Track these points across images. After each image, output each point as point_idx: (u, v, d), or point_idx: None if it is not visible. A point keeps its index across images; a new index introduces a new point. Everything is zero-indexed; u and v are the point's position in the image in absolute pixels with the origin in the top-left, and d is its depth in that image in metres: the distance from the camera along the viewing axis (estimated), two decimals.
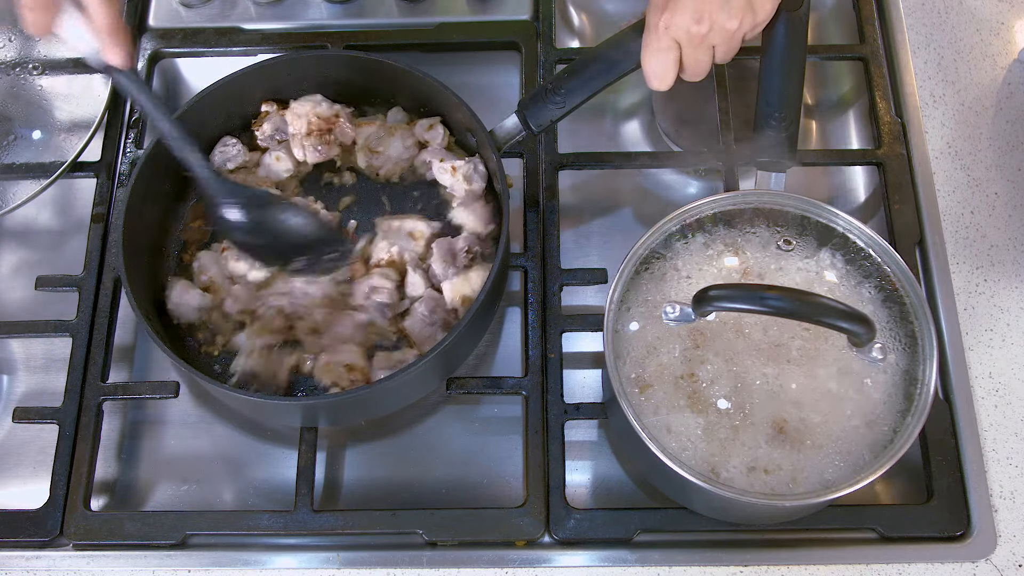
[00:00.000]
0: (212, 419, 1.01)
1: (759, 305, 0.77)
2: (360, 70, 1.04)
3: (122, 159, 1.10)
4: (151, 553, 0.92)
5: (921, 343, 0.83)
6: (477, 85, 1.11)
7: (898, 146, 1.07)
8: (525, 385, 0.95)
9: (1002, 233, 1.05)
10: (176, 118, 0.96)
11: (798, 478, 0.81)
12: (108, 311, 1.01)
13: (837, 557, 0.90)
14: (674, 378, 0.84)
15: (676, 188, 1.11)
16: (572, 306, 1.02)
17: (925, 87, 1.13)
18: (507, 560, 0.90)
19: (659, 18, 0.83)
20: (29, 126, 1.12)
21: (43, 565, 0.92)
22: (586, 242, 1.08)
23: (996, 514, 0.91)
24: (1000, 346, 0.99)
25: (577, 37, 1.21)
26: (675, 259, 0.89)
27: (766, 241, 0.90)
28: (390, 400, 0.94)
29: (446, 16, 1.17)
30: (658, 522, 0.90)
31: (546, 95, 0.93)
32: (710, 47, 0.85)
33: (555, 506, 0.91)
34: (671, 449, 0.81)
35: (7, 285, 1.08)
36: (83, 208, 1.09)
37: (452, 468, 0.97)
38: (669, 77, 0.87)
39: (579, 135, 1.12)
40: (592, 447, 0.98)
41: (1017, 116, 1.11)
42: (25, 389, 1.03)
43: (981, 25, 1.17)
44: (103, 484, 0.97)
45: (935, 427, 0.93)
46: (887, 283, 0.87)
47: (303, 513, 0.91)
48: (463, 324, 0.88)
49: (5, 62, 1.14)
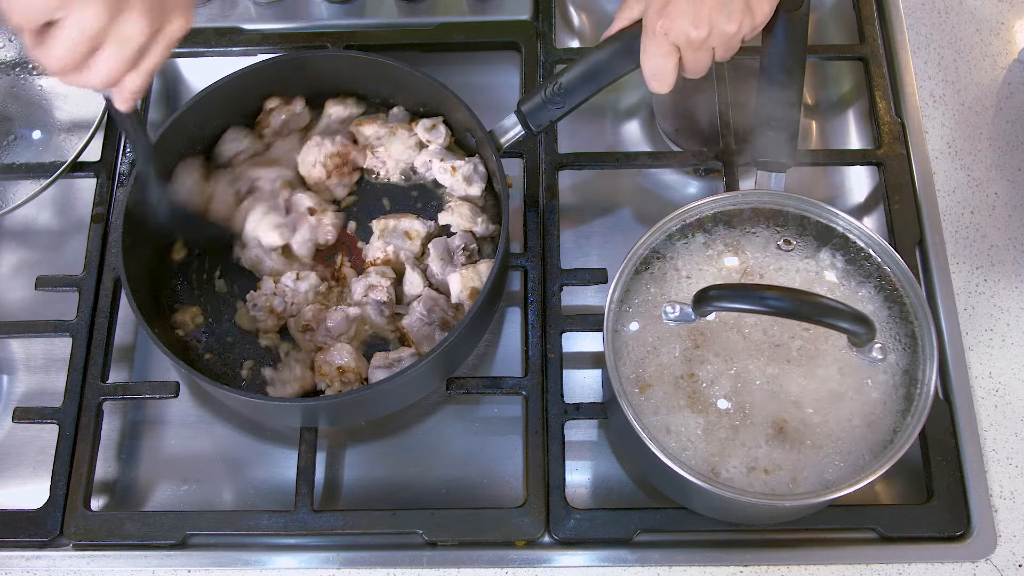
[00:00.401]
0: (212, 419, 1.01)
1: (759, 305, 0.77)
2: (360, 70, 1.04)
3: (122, 159, 1.10)
4: (151, 553, 0.92)
5: (921, 343, 0.83)
6: (477, 85, 1.11)
7: (898, 146, 1.07)
8: (525, 385, 0.95)
9: (1002, 233, 1.05)
10: (177, 118, 0.98)
11: (798, 478, 0.81)
12: (108, 311, 1.01)
13: (837, 557, 0.90)
14: (674, 378, 0.84)
15: (676, 188, 1.11)
16: (572, 306, 1.02)
17: (925, 87, 1.13)
18: (507, 560, 0.90)
19: (658, 23, 0.83)
20: (29, 126, 1.12)
21: (43, 565, 0.92)
22: (586, 242, 1.08)
23: (996, 514, 0.91)
24: (1000, 346, 0.99)
25: (577, 37, 1.21)
26: (675, 259, 0.89)
27: (766, 241, 0.90)
28: (390, 400, 0.94)
29: (446, 16, 1.17)
30: (658, 522, 0.90)
31: (545, 95, 0.93)
32: (710, 49, 0.85)
33: (555, 506, 0.91)
34: (671, 449, 0.81)
35: (7, 285, 1.08)
36: (83, 208, 1.09)
37: (452, 468, 0.97)
38: (669, 80, 0.87)
39: (579, 135, 1.12)
40: (592, 447, 0.98)
41: (1017, 116, 1.11)
42: (25, 389, 1.03)
43: (981, 25, 1.17)
44: (103, 484, 0.97)
45: (935, 427, 0.93)
46: (887, 283, 0.87)
47: (303, 513, 0.91)
48: (463, 324, 0.88)
49: (5, 62, 1.14)
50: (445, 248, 0.98)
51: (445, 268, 0.97)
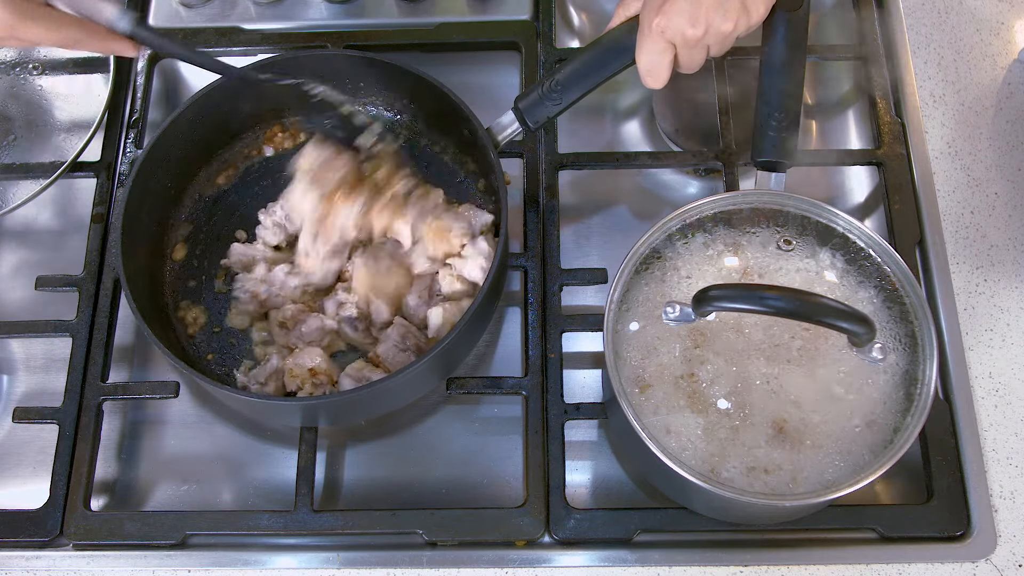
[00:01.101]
0: (212, 419, 1.01)
1: (759, 305, 0.77)
2: (357, 69, 1.04)
3: (122, 159, 1.10)
4: (151, 553, 0.92)
5: (921, 343, 0.83)
6: (477, 85, 1.11)
7: (898, 146, 1.07)
8: (525, 385, 0.95)
9: (1002, 233, 1.05)
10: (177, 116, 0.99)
11: (798, 478, 0.81)
12: (108, 311, 1.01)
13: (837, 557, 0.90)
14: (674, 378, 0.84)
15: (676, 188, 1.11)
16: (572, 306, 1.02)
17: (925, 87, 1.13)
18: (507, 560, 0.90)
19: (654, 20, 0.83)
20: (29, 126, 1.12)
21: (43, 565, 0.92)
22: (586, 242, 1.08)
23: (996, 514, 0.91)
24: (1000, 346, 0.99)
25: (577, 37, 1.21)
26: (675, 259, 0.89)
27: (766, 241, 0.90)
28: (390, 399, 0.94)
29: (446, 16, 1.17)
30: (658, 522, 0.90)
31: (542, 91, 0.93)
32: (705, 47, 0.85)
33: (555, 506, 0.91)
34: (671, 449, 0.81)
35: (7, 285, 1.08)
36: (83, 208, 1.09)
37: (452, 468, 0.97)
38: (664, 76, 0.87)
39: (579, 135, 1.12)
40: (592, 447, 0.98)
41: (1017, 116, 1.11)
42: (25, 389, 1.03)
43: (981, 25, 1.17)
44: (103, 484, 0.97)
45: (935, 427, 0.93)
46: (887, 283, 0.87)
47: (303, 513, 0.91)
48: (463, 323, 0.88)
49: (5, 62, 1.14)
50: (427, 288, 0.98)
51: (420, 307, 0.97)
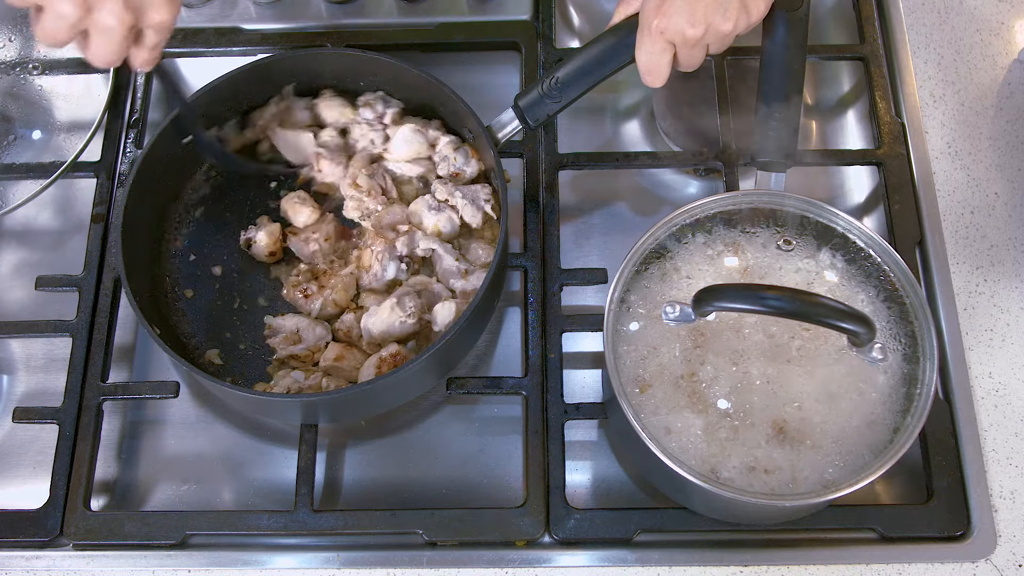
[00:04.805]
0: (212, 419, 1.01)
1: (759, 305, 0.77)
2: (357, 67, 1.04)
3: (122, 159, 1.10)
4: (151, 553, 0.92)
5: (921, 343, 0.83)
6: (477, 85, 1.11)
7: (898, 146, 1.07)
8: (525, 385, 0.95)
9: (1002, 233, 1.05)
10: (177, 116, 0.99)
11: (798, 478, 0.81)
12: (108, 311, 1.01)
13: (837, 557, 0.90)
14: (674, 378, 0.84)
15: (676, 188, 1.11)
16: (572, 306, 1.02)
17: (925, 87, 1.13)
18: (507, 560, 0.90)
19: (654, 20, 0.83)
20: (29, 126, 1.12)
21: (43, 565, 0.92)
22: (586, 242, 1.08)
23: (996, 514, 0.91)
24: (1000, 346, 0.99)
25: (577, 37, 1.21)
26: (675, 259, 0.89)
27: (766, 241, 0.90)
28: (389, 397, 0.94)
29: (446, 16, 1.17)
30: (658, 522, 0.90)
31: (542, 89, 0.93)
32: (704, 46, 0.85)
33: (555, 506, 0.91)
34: (671, 449, 0.81)
35: (7, 285, 1.08)
36: (83, 208, 1.09)
37: (452, 468, 0.97)
38: (664, 75, 0.87)
39: (579, 135, 1.12)
40: (592, 447, 0.98)
41: (1017, 116, 1.11)
42: (25, 389, 1.03)
43: (981, 25, 1.17)
44: (103, 484, 0.97)
45: (935, 427, 0.93)
46: (887, 283, 0.87)
47: (303, 513, 0.91)
48: (462, 322, 0.88)
49: (5, 62, 1.14)
50: (472, 198, 1.00)
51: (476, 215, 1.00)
